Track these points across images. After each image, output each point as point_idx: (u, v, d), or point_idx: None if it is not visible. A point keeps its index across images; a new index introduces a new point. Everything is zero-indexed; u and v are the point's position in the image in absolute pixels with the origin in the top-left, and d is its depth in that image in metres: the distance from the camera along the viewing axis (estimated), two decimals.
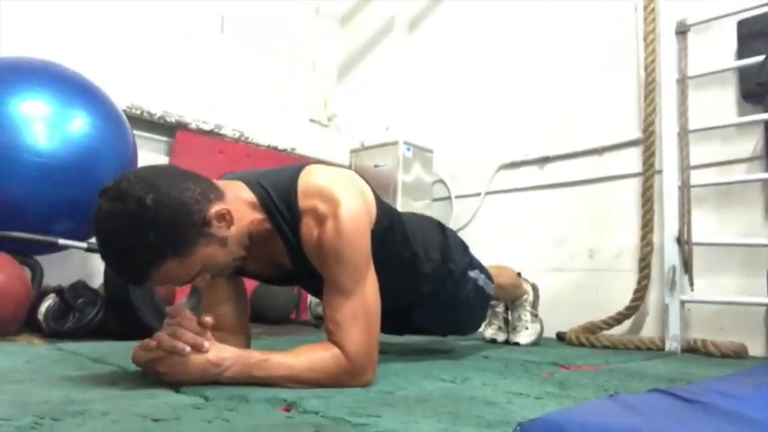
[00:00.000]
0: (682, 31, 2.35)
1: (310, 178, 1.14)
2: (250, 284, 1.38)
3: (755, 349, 2.14)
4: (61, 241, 2.07)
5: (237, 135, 3.23)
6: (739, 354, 2.04)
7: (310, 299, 3.12)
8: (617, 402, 0.75)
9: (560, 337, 2.47)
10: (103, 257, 0.98)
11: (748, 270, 2.20)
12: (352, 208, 1.09)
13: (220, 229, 1.03)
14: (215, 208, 1.02)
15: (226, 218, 1.03)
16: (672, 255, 2.23)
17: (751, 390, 0.88)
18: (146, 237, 0.93)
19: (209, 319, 1.01)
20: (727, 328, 2.23)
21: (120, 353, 1.40)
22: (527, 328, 2.15)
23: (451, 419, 0.84)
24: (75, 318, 1.95)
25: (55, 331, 1.91)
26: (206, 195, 1.02)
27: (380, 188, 3.07)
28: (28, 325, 1.93)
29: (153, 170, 1.03)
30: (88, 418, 0.74)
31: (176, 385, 0.97)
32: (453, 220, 3.27)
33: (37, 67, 2.13)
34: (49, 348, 1.55)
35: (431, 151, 3.39)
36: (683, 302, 2.21)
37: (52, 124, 2.03)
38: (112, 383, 1.01)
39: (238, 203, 1.09)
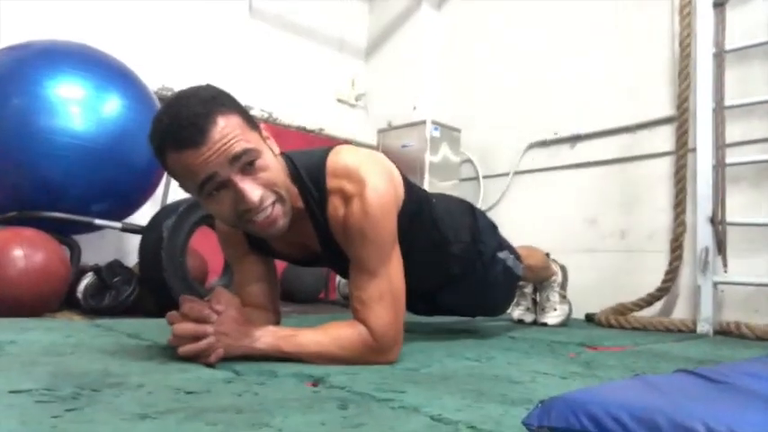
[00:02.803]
0: (719, 3, 2.27)
1: (338, 158, 1.15)
2: (280, 265, 1.40)
3: None
4: (97, 221, 2.14)
5: (266, 116, 3.26)
6: None
7: (339, 279, 3.16)
8: (640, 381, 0.75)
9: (589, 318, 2.45)
10: (170, 114, 0.97)
11: None
12: (379, 188, 1.10)
13: (272, 144, 1.08)
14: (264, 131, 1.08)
15: (271, 139, 1.09)
16: (705, 235, 2.19)
17: None
18: (219, 98, 0.99)
19: (219, 308, 1.01)
20: (762, 310, 2.19)
21: (155, 329, 1.45)
22: (555, 309, 2.14)
23: (475, 397, 0.85)
24: (111, 295, 2.02)
25: (93, 308, 1.99)
26: None
27: (408, 168, 3.07)
28: (67, 302, 2.01)
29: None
30: (125, 390, 0.78)
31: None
32: (482, 200, 3.26)
33: (72, 51, 2.18)
34: (87, 324, 1.61)
35: (458, 130, 3.36)
36: (715, 284, 2.17)
37: (88, 107, 2.08)
38: (147, 357, 1.05)
39: (281, 166, 1.11)
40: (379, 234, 1.10)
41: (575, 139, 2.90)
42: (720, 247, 2.18)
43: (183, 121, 0.94)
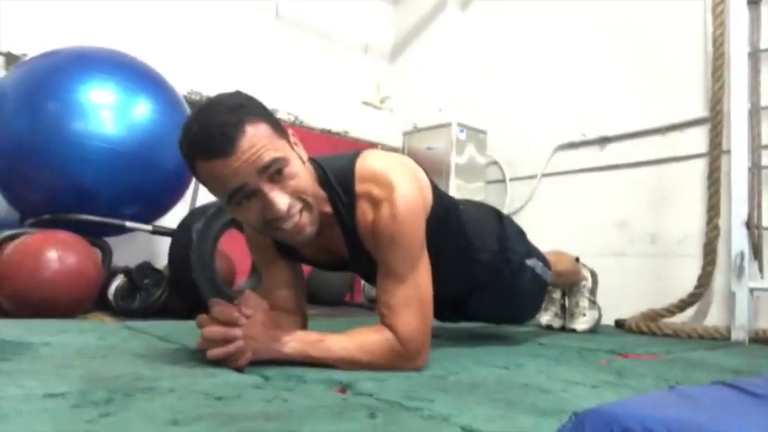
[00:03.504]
0: (754, 1, 2.21)
1: (366, 163, 1.14)
2: (306, 268, 1.41)
3: None
4: (128, 224, 2.18)
5: (292, 119, 3.29)
6: None
7: (364, 282, 3.16)
8: (677, 394, 0.73)
9: (619, 324, 2.41)
10: (199, 123, 0.97)
11: None
12: (408, 193, 1.09)
13: (300, 150, 1.08)
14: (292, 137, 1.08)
15: (300, 146, 1.09)
16: (740, 240, 2.13)
17: None
18: (247, 107, 0.99)
19: (248, 311, 1.02)
20: None
21: (184, 331, 1.46)
22: (584, 315, 2.11)
23: (505, 406, 0.83)
24: (141, 297, 2.05)
25: (123, 310, 2.02)
26: None
27: (433, 171, 3.06)
28: (99, 303, 2.05)
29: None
30: (156, 395, 0.78)
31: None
32: (508, 203, 3.23)
33: (103, 57, 2.23)
34: (118, 326, 1.64)
35: (484, 132, 3.34)
36: (751, 290, 2.11)
37: (119, 111, 2.12)
38: (177, 361, 1.06)
39: (310, 171, 1.11)
40: (408, 239, 1.09)
41: (604, 140, 2.86)
42: (756, 251, 2.12)
43: (212, 130, 0.95)
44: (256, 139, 0.96)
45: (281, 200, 0.99)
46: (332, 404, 0.79)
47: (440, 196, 1.27)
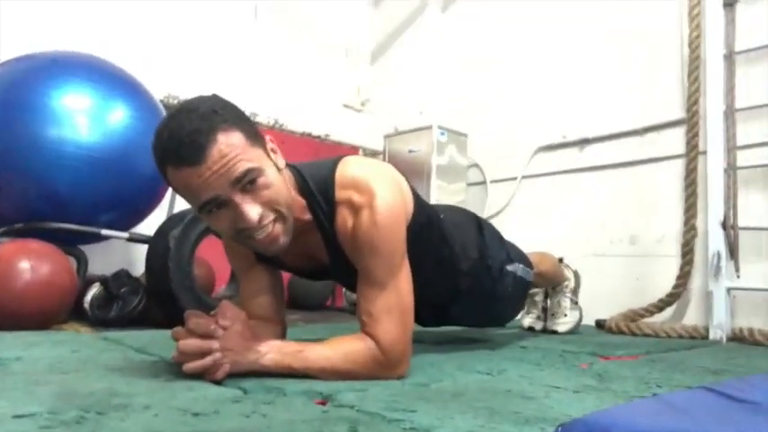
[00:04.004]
0: (729, 3, 2.25)
1: (347, 169, 1.13)
2: (286, 273, 1.39)
3: None
4: (104, 231, 2.14)
5: (272, 122, 3.26)
6: None
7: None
8: (661, 402, 0.73)
9: (599, 324, 2.43)
10: (168, 132, 0.94)
11: None
12: (388, 200, 1.08)
13: (277, 158, 1.05)
14: (269, 144, 1.06)
15: (277, 153, 1.07)
16: (717, 240, 2.16)
17: None
18: (220, 113, 0.96)
19: (225, 323, 1.00)
20: None
21: (162, 342, 1.43)
22: (566, 315, 2.12)
23: (488, 415, 0.83)
24: (118, 306, 2.01)
25: (100, 319, 1.98)
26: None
27: (414, 173, 3.05)
28: (74, 313, 2.00)
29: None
30: (131, 412, 0.76)
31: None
32: (489, 205, 3.24)
33: (78, 61, 2.18)
34: (94, 337, 1.60)
35: (465, 135, 3.34)
36: (728, 289, 2.14)
37: (94, 117, 2.08)
38: (154, 375, 1.03)
39: (286, 177, 1.09)
40: (388, 245, 1.08)
41: (583, 142, 2.88)
42: (733, 251, 2.15)
43: (183, 138, 0.92)
44: (229, 149, 0.94)
45: (252, 210, 0.97)
46: (312, 418, 0.78)
47: (420, 205, 1.27)
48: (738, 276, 2.15)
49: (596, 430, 0.59)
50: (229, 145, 0.94)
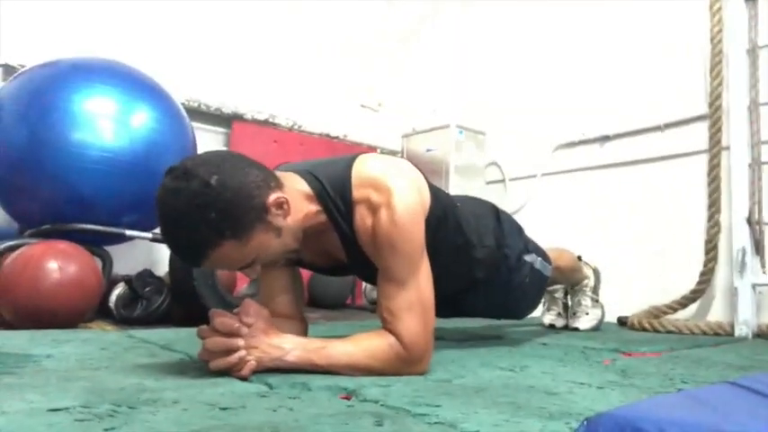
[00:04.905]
0: None
1: (363, 168, 1.14)
2: (307, 271, 1.40)
3: None
4: (128, 232, 2.17)
5: (291, 124, 3.28)
6: None
7: (365, 284, 3.16)
8: (687, 397, 0.72)
9: (622, 322, 2.41)
10: (164, 233, 1.01)
11: None
12: (406, 197, 1.09)
13: (277, 217, 1.04)
14: (274, 196, 1.03)
15: (283, 207, 1.05)
16: (741, 235, 2.13)
17: None
18: (207, 215, 0.95)
19: (249, 320, 1.02)
20: None
21: (186, 340, 1.46)
22: (587, 314, 2.10)
23: (512, 410, 0.83)
24: (143, 305, 2.05)
25: (125, 318, 2.02)
26: (266, 182, 1.03)
27: (433, 172, 3.05)
28: (100, 312, 2.04)
29: (217, 153, 1.07)
30: (161, 407, 0.78)
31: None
32: (508, 202, 3.22)
33: (101, 66, 2.22)
34: (120, 335, 1.63)
35: (483, 133, 3.34)
36: (754, 286, 2.11)
37: (118, 120, 2.12)
38: (180, 371, 1.05)
39: (295, 195, 1.10)
40: (408, 243, 1.08)
41: (603, 139, 2.86)
42: (758, 247, 2.12)
43: (178, 250, 1.03)
44: (221, 261, 1.02)
45: (248, 275, 1.10)
46: (337, 412, 0.79)
47: (437, 197, 1.27)
48: (764, 272, 2.12)
49: (623, 424, 0.59)
50: (221, 258, 1.01)
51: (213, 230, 0.97)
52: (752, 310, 2.09)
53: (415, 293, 1.08)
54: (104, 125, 2.08)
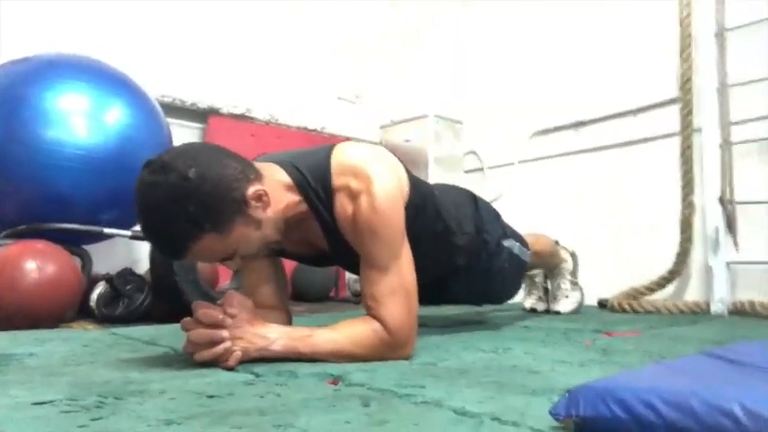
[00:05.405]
0: None
1: (342, 156, 1.15)
2: (290, 264, 1.40)
3: None
4: (107, 230, 2.15)
5: (268, 117, 3.26)
6: None
7: (348, 276, 3.16)
8: (663, 367, 0.75)
9: (602, 304, 2.45)
10: (143, 228, 1.01)
11: None
12: (386, 184, 1.10)
13: (257, 209, 1.04)
14: (253, 188, 1.03)
15: (263, 199, 1.05)
16: (714, 215, 2.18)
17: None
18: (186, 209, 0.95)
19: (233, 311, 1.02)
20: None
21: (170, 335, 1.45)
22: (567, 297, 2.14)
23: (496, 388, 0.85)
24: (124, 304, 2.03)
25: (107, 317, 2.00)
26: (245, 174, 1.03)
27: (411, 163, 3.06)
28: (81, 312, 2.02)
29: (195, 146, 1.07)
30: (147, 397, 0.78)
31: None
32: (487, 191, 3.25)
33: (74, 62, 2.18)
34: (102, 333, 1.61)
35: (460, 122, 3.36)
36: (728, 264, 2.16)
37: (92, 117, 2.08)
38: (165, 364, 1.05)
39: (274, 185, 1.10)
40: (389, 229, 1.10)
41: (578, 124, 2.89)
42: (731, 226, 2.17)
43: (158, 243, 1.04)
44: (201, 254, 1.03)
45: (229, 267, 1.13)
46: (325, 396, 0.80)
47: (416, 184, 1.28)
48: (737, 251, 2.17)
49: (603, 394, 0.61)
50: (202, 250, 1.01)
51: (192, 223, 0.97)
52: (727, 288, 2.14)
53: (398, 279, 1.10)
54: (78, 122, 2.05)
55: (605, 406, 0.59)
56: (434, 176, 3.12)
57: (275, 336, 1.05)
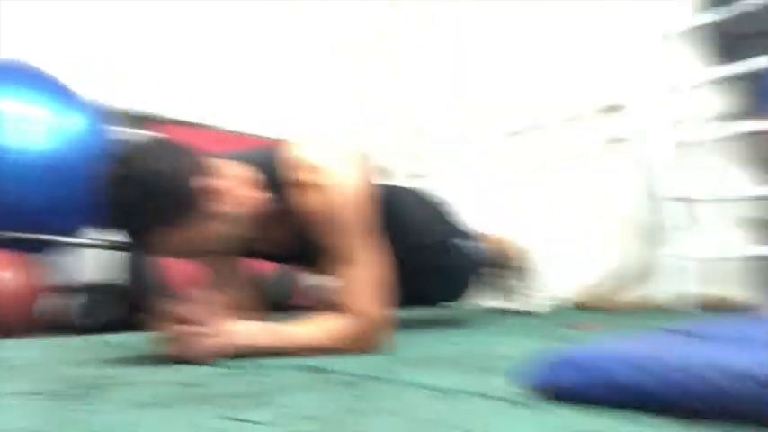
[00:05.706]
0: None
1: (300, 151, 1.15)
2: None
3: None
4: (76, 240, 2.09)
5: (221, 125, 3.17)
6: (758, 307, 2.07)
7: (309, 282, 3.09)
8: (633, 339, 0.79)
9: (571, 303, 2.50)
10: (106, 225, 1.01)
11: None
12: (346, 176, 1.11)
13: (215, 203, 1.04)
14: (212, 183, 1.03)
15: (221, 192, 1.05)
16: (674, 213, 2.29)
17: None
18: (145, 204, 0.95)
19: (207, 309, 1.02)
20: (742, 282, 2.24)
21: (144, 338, 1.43)
22: (532, 297, 2.17)
23: (476, 371, 0.87)
24: (97, 313, 1.99)
25: (82, 327, 1.95)
26: (204, 170, 1.03)
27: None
28: (54, 323, 1.96)
29: (154, 142, 1.07)
30: (131, 386, 0.79)
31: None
32: (450, 194, 3.25)
33: (13, 69, 2.14)
34: (76, 339, 1.57)
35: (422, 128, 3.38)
36: (692, 260, 2.25)
37: (36, 123, 2.03)
38: (140, 363, 1.04)
39: (233, 180, 1.09)
40: (349, 220, 1.10)
41: (537, 128, 2.93)
42: (692, 223, 2.28)
43: (125, 228, 1.02)
44: (164, 249, 1.04)
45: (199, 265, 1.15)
46: (307, 381, 0.81)
47: (370, 184, 1.28)
48: (701, 246, 2.27)
49: (581, 362, 0.63)
50: (164, 245, 1.02)
51: (152, 219, 0.97)
52: (693, 283, 2.23)
53: (367, 270, 1.10)
54: (22, 128, 1.99)
55: (584, 373, 0.62)
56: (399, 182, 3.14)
57: (252, 332, 1.05)
